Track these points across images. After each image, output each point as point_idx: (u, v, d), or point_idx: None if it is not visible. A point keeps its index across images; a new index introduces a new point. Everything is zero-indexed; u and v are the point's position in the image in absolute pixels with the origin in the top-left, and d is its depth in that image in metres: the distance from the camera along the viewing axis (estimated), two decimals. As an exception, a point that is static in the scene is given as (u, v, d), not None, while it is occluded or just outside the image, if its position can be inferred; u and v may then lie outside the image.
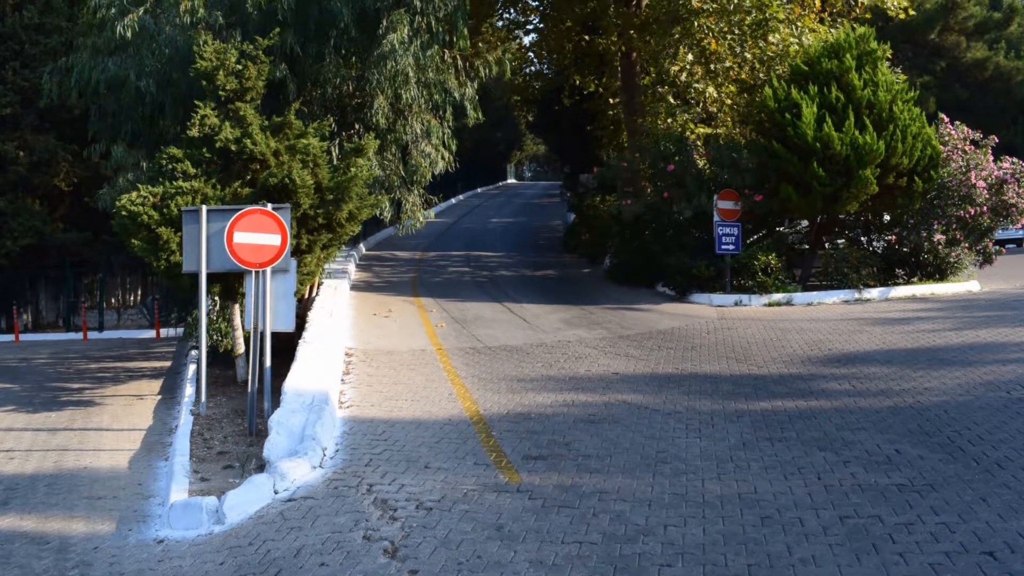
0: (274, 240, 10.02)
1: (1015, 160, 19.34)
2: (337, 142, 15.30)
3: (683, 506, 6.64)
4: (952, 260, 18.86)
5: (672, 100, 22.78)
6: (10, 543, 7.23)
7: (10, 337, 22.30)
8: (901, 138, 17.28)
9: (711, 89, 21.98)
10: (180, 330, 18.94)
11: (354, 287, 20.29)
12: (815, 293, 17.92)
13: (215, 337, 13.12)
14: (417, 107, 15.77)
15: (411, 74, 14.64)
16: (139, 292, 27.69)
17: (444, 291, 20.11)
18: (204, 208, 10.30)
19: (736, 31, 21.12)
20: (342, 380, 11.45)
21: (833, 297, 17.73)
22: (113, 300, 26.94)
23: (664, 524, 6.29)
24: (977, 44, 37.83)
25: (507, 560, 5.84)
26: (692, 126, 22.32)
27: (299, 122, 12.40)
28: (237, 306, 12.09)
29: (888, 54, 18.67)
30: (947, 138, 19.10)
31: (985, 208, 18.67)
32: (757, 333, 14.23)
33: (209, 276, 10.60)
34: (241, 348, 12.31)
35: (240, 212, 9.93)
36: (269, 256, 9.99)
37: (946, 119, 19.63)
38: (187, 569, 6.37)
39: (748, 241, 19.61)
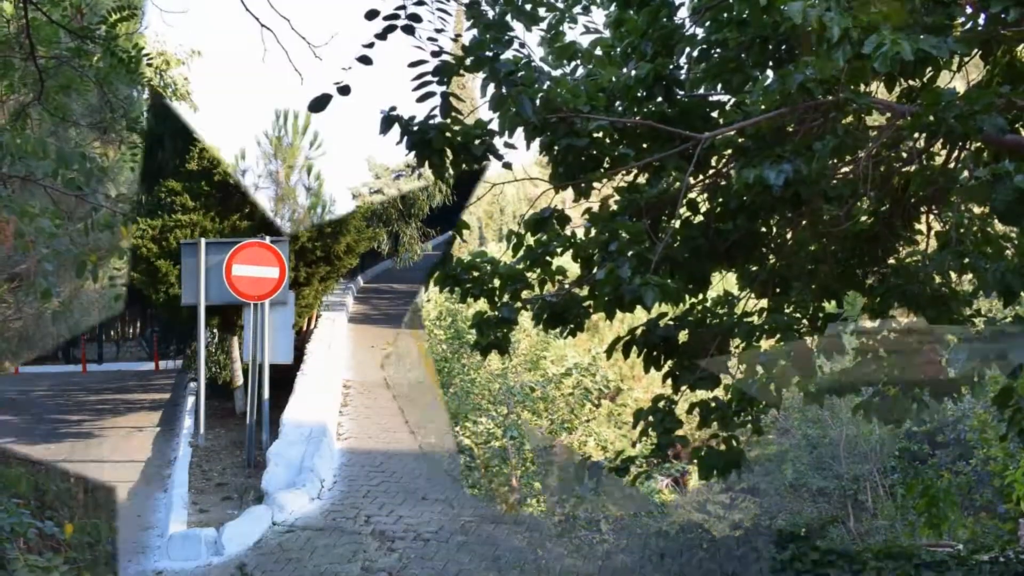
0: (272, 273, 10.09)
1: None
2: (336, 175, 15.46)
3: (679, 536, 6.67)
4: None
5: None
6: None
7: (10, 369, 22.26)
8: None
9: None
10: (179, 362, 18.95)
11: (352, 319, 20.31)
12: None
13: (214, 369, 13.17)
14: (415, 140, 15.93)
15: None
16: (138, 324, 27.72)
17: (442, 322, 20.11)
18: (203, 241, 10.38)
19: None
20: (340, 412, 11.47)
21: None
22: (112, 332, 26.95)
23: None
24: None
25: (504, 590, 5.87)
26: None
27: (298, 155, 12.55)
28: (236, 338, 12.15)
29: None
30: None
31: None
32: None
33: (208, 308, 10.64)
34: (239, 380, 12.34)
35: (239, 245, 10.02)
36: (267, 289, 10.06)
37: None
38: (185, 601, 6.39)
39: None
